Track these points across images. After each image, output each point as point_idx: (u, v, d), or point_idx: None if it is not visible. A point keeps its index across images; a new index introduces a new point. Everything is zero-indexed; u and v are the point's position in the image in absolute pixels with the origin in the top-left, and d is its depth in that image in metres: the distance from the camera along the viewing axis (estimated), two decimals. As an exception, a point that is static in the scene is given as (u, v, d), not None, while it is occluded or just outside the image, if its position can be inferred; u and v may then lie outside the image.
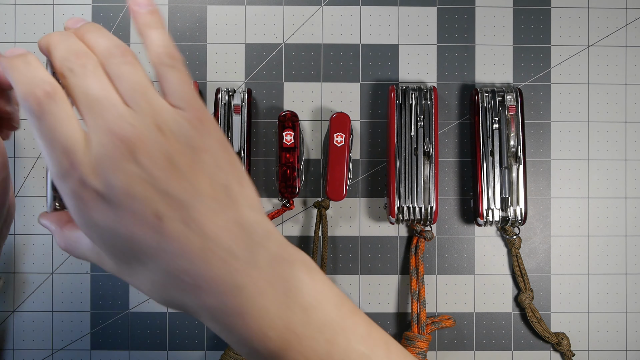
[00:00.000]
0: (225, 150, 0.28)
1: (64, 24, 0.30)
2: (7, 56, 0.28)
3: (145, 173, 0.26)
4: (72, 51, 0.28)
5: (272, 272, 0.28)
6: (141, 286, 0.28)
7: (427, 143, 0.46)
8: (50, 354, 0.49)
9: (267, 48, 0.49)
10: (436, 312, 0.49)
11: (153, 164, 0.26)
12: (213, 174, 0.27)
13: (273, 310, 0.27)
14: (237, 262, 0.27)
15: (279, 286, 0.28)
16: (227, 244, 0.27)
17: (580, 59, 0.50)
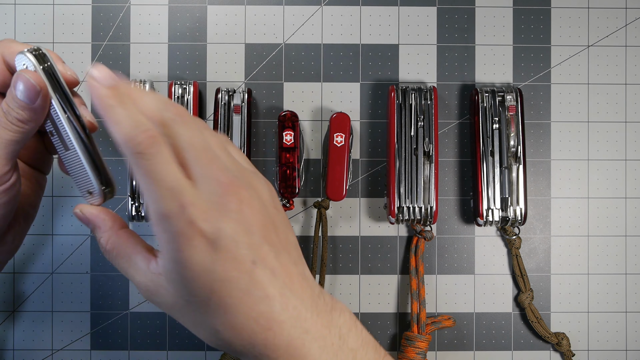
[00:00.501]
0: None
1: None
2: (99, 87, 0.31)
3: (249, 223, 0.30)
4: (168, 102, 0.31)
5: (328, 319, 0.32)
6: (200, 328, 0.31)
7: (427, 143, 0.46)
8: (50, 354, 0.49)
9: (267, 48, 0.49)
10: (436, 312, 0.49)
11: (255, 217, 0.30)
12: (287, 231, 0.32)
13: (331, 353, 0.31)
14: (306, 310, 0.31)
15: (334, 331, 0.32)
16: (299, 292, 0.31)
17: (580, 59, 0.50)
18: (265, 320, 0.30)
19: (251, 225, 0.30)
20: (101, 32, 0.49)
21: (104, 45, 0.49)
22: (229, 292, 0.30)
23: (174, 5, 0.49)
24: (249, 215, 0.30)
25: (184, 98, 0.46)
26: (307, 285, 0.32)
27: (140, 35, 0.49)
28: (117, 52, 0.49)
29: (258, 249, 0.30)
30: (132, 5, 0.49)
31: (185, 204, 0.29)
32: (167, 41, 0.49)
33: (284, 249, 0.32)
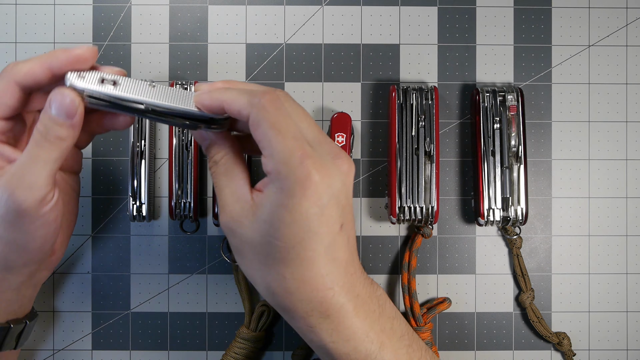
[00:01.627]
0: None
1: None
2: (210, 86, 0.36)
3: (348, 189, 0.34)
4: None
5: (371, 289, 0.37)
6: (266, 271, 0.34)
7: (428, 143, 0.46)
8: (51, 354, 0.49)
9: (268, 48, 0.49)
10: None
11: (351, 186, 0.35)
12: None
13: (374, 317, 0.36)
14: (358, 277, 0.36)
15: (374, 300, 0.36)
16: (357, 261, 0.36)
17: (581, 58, 0.50)
18: (330, 280, 0.34)
19: (348, 192, 0.34)
20: (102, 32, 0.49)
21: (105, 46, 0.49)
22: (314, 245, 0.33)
23: (175, 5, 0.49)
24: (349, 183, 0.34)
25: (185, 98, 0.46)
26: (354, 257, 0.36)
27: (141, 35, 0.49)
28: (118, 52, 0.49)
29: (346, 215, 0.34)
30: (133, 5, 0.49)
31: (307, 155, 0.32)
32: (168, 41, 0.49)
33: (353, 221, 0.36)
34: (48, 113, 0.35)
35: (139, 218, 0.46)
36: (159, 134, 0.49)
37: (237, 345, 0.47)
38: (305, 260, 0.33)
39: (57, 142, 0.35)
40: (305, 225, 0.32)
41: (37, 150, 0.35)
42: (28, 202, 0.34)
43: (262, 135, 0.33)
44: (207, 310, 0.49)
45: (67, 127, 0.35)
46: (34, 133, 0.35)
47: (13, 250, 0.37)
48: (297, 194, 0.32)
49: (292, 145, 0.32)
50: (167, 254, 0.49)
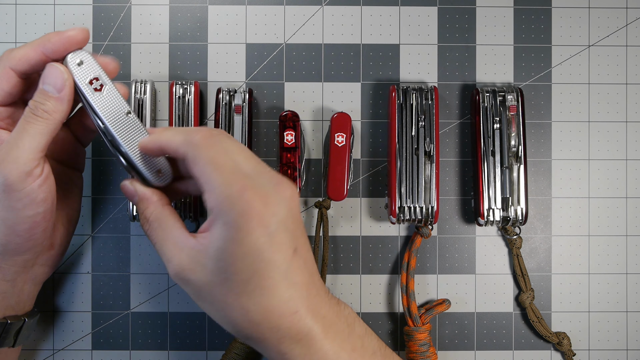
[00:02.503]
0: None
1: None
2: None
3: (294, 213, 0.34)
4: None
5: (337, 309, 0.36)
6: (229, 310, 0.34)
7: (428, 143, 0.46)
8: (51, 354, 0.49)
9: (268, 48, 0.49)
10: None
11: (297, 209, 0.35)
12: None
13: (343, 336, 0.35)
14: (322, 298, 0.35)
15: (342, 320, 0.36)
16: (319, 283, 0.36)
17: (581, 58, 0.50)
18: (294, 304, 0.33)
19: (295, 216, 0.34)
20: (102, 32, 0.49)
21: (105, 46, 0.49)
22: (270, 273, 0.33)
23: (175, 5, 0.49)
24: (294, 207, 0.34)
25: (185, 98, 0.46)
26: (319, 281, 0.36)
27: (141, 35, 0.49)
28: (118, 52, 0.49)
29: (298, 239, 0.34)
30: (133, 5, 0.49)
31: (246, 187, 0.32)
32: (168, 41, 0.49)
33: (307, 243, 0.36)
34: (39, 88, 0.36)
35: (139, 218, 0.46)
36: (159, 134, 0.49)
37: (237, 345, 0.47)
38: (265, 288, 0.33)
39: (45, 116, 0.36)
40: (257, 255, 0.32)
41: (25, 125, 0.36)
42: (13, 175, 0.35)
43: (201, 172, 0.33)
44: (207, 310, 0.49)
45: (54, 100, 0.36)
46: (25, 110, 0.36)
47: (2, 231, 0.37)
48: (243, 227, 0.32)
49: (230, 179, 0.33)
50: (167, 254, 0.49)
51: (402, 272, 0.48)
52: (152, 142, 0.36)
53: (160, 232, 0.36)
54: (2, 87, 0.37)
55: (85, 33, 0.37)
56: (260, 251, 0.32)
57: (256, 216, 0.32)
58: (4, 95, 0.37)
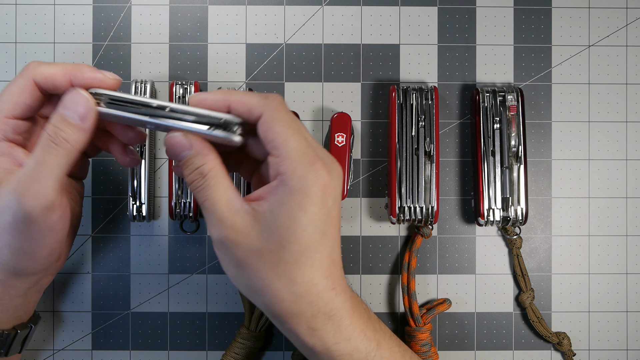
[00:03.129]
0: None
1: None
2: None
3: (340, 191, 0.35)
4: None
5: (356, 298, 0.37)
6: (275, 278, 0.34)
7: (428, 143, 0.46)
8: (51, 354, 0.49)
9: (268, 48, 0.49)
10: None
11: (341, 187, 0.35)
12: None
13: (365, 318, 0.37)
14: (346, 282, 0.37)
15: (362, 304, 0.38)
16: (342, 269, 0.37)
17: (581, 58, 0.50)
18: (333, 280, 0.34)
19: (341, 194, 0.35)
20: (102, 32, 0.49)
21: (105, 46, 0.49)
22: (323, 247, 0.34)
23: (175, 6, 0.49)
24: (341, 185, 0.35)
25: (185, 98, 0.46)
26: (341, 268, 0.37)
27: (141, 35, 0.49)
28: (118, 52, 0.49)
29: (339, 217, 0.35)
30: (133, 5, 0.49)
31: (317, 157, 0.33)
32: (168, 41, 0.49)
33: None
34: (60, 113, 0.34)
35: (139, 218, 0.46)
36: (158, 134, 0.49)
37: (237, 345, 0.47)
38: (316, 262, 0.33)
39: (64, 145, 0.34)
40: (319, 226, 0.33)
41: (44, 155, 0.34)
42: (36, 210, 0.34)
43: (276, 135, 0.33)
44: (207, 310, 0.49)
45: (77, 130, 0.34)
46: (42, 136, 0.34)
47: (22, 258, 0.36)
48: (313, 195, 0.32)
49: (304, 146, 0.33)
50: (167, 254, 0.49)
51: (402, 273, 0.48)
52: (215, 99, 0.35)
53: (215, 190, 0.34)
54: (25, 101, 0.36)
55: (118, 83, 0.36)
56: (321, 222, 0.33)
57: (324, 187, 0.32)
58: (25, 108, 0.36)
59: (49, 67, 0.35)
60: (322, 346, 0.35)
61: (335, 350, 0.35)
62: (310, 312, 0.34)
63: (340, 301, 0.35)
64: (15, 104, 0.35)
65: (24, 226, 0.34)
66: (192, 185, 0.34)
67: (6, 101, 0.36)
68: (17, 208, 0.34)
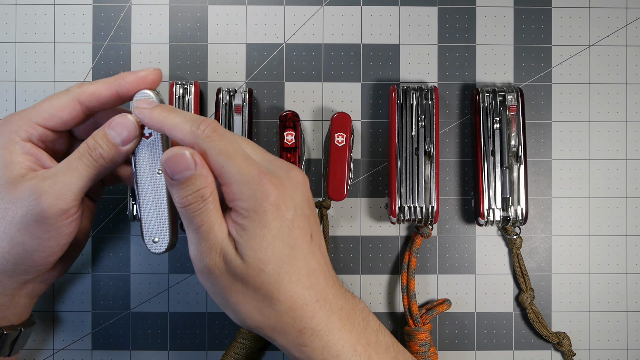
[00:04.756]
0: None
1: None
2: (147, 109, 0.35)
3: (307, 199, 0.35)
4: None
5: (353, 302, 0.37)
6: (254, 299, 0.34)
7: (428, 143, 0.46)
8: (51, 354, 0.49)
9: (268, 48, 0.49)
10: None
11: (309, 194, 0.36)
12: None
13: (359, 329, 0.35)
14: (339, 289, 0.36)
15: (358, 313, 0.36)
16: (333, 273, 0.36)
17: (581, 58, 0.50)
18: (315, 292, 0.34)
19: (310, 202, 0.34)
20: (102, 32, 0.49)
21: (105, 46, 0.49)
22: (296, 260, 0.33)
23: (175, 5, 0.49)
24: (307, 193, 0.34)
25: (185, 98, 0.46)
26: (334, 276, 0.36)
27: (141, 35, 0.49)
28: (118, 52, 0.49)
29: (312, 225, 0.34)
30: (133, 5, 0.49)
31: (262, 173, 0.32)
32: (168, 41, 0.49)
33: (320, 229, 0.35)
34: (104, 130, 0.36)
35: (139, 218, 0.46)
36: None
37: (237, 345, 0.47)
38: (293, 276, 0.33)
39: (100, 161, 0.35)
40: (285, 240, 0.32)
41: (77, 162, 0.35)
42: (52, 210, 0.34)
43: (214, 164, 0.33)
44: (207, 310, 0.49)
45: (115, 149, 0.36)
46: (80, 146, 0.36)
47: (19, 253, 0.36)
48: (268, 212, 0.32)
49: (245, 167, 0.32)
50: (167, 254, 0.49)
51: (402, 272, 0.48)
52: (153, 119, 0.35)
53: (213, 216, 0.33)
54: (62, 116, 0.37)
55: (159, 74, 0.37)
56: (286, 236, 0.32)
57: (275, 202, 0.32)
58: (60, 123, 0.37)
59: (92, 85, 0.37)
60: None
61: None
62: (297, 327, 0.34)
63: (325, 314, 0.34)
64: (51, 115, 0.37)
65: (34, 223, 0.35)
66: (189, 207, 0.33)
67: (43, 110, 0.37)
68: (34, 204, 0.34)
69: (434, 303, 0.48)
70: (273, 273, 0.32)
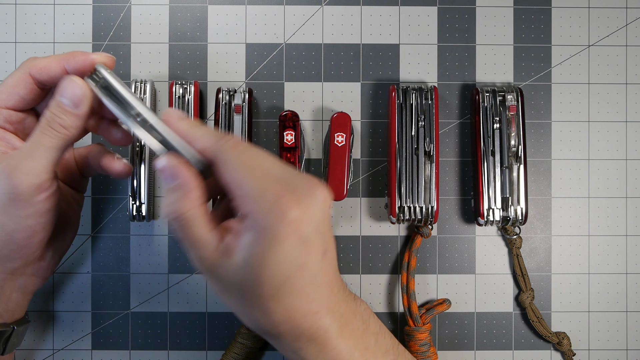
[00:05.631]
0: None
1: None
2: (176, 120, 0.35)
3: (325, 216, 0.34)
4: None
5: (354, 306, 0.36)
6: (253, 307, 0.33)
7: (427, 143, 0.46)
8: (51, 353, 0.49)
9: (267, 48, 0.49)
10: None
11: (327, 211, 0.34)
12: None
13: (358, 334, 0.35)
14: (341, 296, 0.35)
15: (358, 317, 0.36)
16: (339, 280, 0.35)
17: (581, 58, 0.50)
18: (316, 304, 0.33)
19: (328, 219, 0.34)
20: (102, 32, 0.49)
21: (105, 45, 0.49)
22: (301, 278, 0.32)
23: (175, 5, 0.49)
24: (327, 211, 0.34)
25: (184, 98, 0.46)
26: (339, 278, 0.36)
27: (141, 35, 0.49)
28: (117, 52, 0.49)
29: (327, 240, 0.34)
30: (133, 5, 0.49)
31: (280, 193, 0.31)
32: (168, 41, 0.49)
33: (334, 242, 0.35)
34: (57, 100, 0.36)
35: (139, 218, 0.46)
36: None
37: (237, 345, 0.47)
38: (294, 292, 0.32)
39: (60, 130, 0.36)
40: (294, 260, 0.32)
41: (40, 137, 0.36)
42: (23, 185, 0.35)
43: (232, 176, 0.33)
44: (207, 310, 0.49)
45: (72, 116, 0.36)
46: (40, 120, 0.36)
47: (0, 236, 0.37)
48: (280, 233, 0.31)
49: (264, 183, 0.32)
50: (167, 254, 0.49)
51: (402, 272, 0.48)
52: (178, 128, 0.35)
53: (191, 231, 0.33)
54: (19, 92, 0.37)
55: (111, 60, 0.37)
56: (294, 257, 0.32)
57: (293, 223, 0.31)
58: (19, 100, 0.38)
59: (43, 59, 0.37)
60: None
61: None
62: (293, 335, 0.33)
63: (325, 323, 0.34)
64: (9, 94, 0.37)
65: (9, 202, 0.35)
66: (169, 217, 0.34)
67: (1, 92, 0.37)
68: (5, 182, 0.35)
69: (433, 303, 0.48)
70: (272, 289, 0.32)
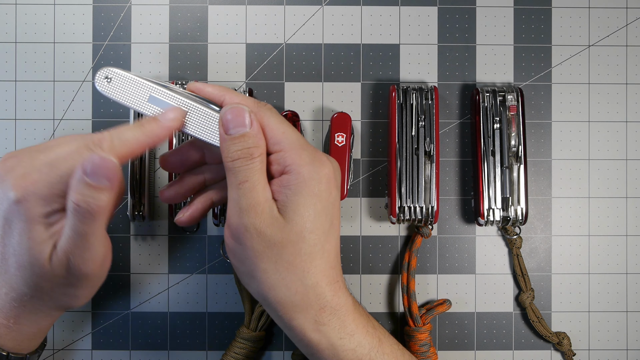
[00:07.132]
0: None
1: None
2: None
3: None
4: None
5: (354, 297, 0.37)
6: (289, 269, 0.34)
7: (428, 143, 0.46)
8: (51, 354, 0.49)
9: (268, 48, 0.49)
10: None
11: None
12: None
13: (365, 316, 0.37)
14: (344, 281, 0.37)
15: (359, 304, 0.37)
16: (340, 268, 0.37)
17: (581, 58, 0.50)
18: (336, 272, 0.35)
19: (340, 187, 0.36)
20: (102, 32, 0.49)
21: (105, 45, 0.49)
22: (332, 237, 0.34)
23: (175, 5, 0.49)
24: (340, 179, 0.36)
25: (185, 98, 0.46)
26: (340, 275, 0.37)
27: (141, 35, 0.49)
28: (118, 52, 0.49)
29: (339, 210, 0.35)
30: (133, 5, 0.49)
31: (315, 149, 0.35)
32: (168, 41, 0.49)
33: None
34: (84, 181, 0.31)
35: (139, 218, 0.46)
36: (159, 134, 0.49)
37: (237, 345, 0.47)
38: (325, 252, 0.34)
39: (100, 212, 0.32)
40: (329, 215, 0.34)
41: (83, 227, 0.32)
42: (91, 271, 0.34)
43: (275, 130, 0.34)
44: (207, 310, 0.49)
45: (107, 191, 0.32)
46: (71, 208, 0.32)
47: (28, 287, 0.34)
48: (322, 181, 0.33)
49: (304, 139, 0.34)
50: (167, 254, 0.49)
51: (402, 272, 0.48)
52: (215, 90, 0.36)
53: (259, 174, 0.33)
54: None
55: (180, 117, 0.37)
56: (330, 210, 0.34)
57: (328, 176, 0.34)
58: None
59: (124, 132, 0.35)
60: (327, 342, 0.35)
61: (339, 346, 0.35)
62: (319, 304, 0.34)
63: (343, 296, 0.35)
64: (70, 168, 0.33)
65: (79, 281, 0.34)
66: (236, 162, 0.33)
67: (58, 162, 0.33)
68: (75, 271, 0.33)
69: (434, 303, 0.48)
70: (312, 243, 0.33)
